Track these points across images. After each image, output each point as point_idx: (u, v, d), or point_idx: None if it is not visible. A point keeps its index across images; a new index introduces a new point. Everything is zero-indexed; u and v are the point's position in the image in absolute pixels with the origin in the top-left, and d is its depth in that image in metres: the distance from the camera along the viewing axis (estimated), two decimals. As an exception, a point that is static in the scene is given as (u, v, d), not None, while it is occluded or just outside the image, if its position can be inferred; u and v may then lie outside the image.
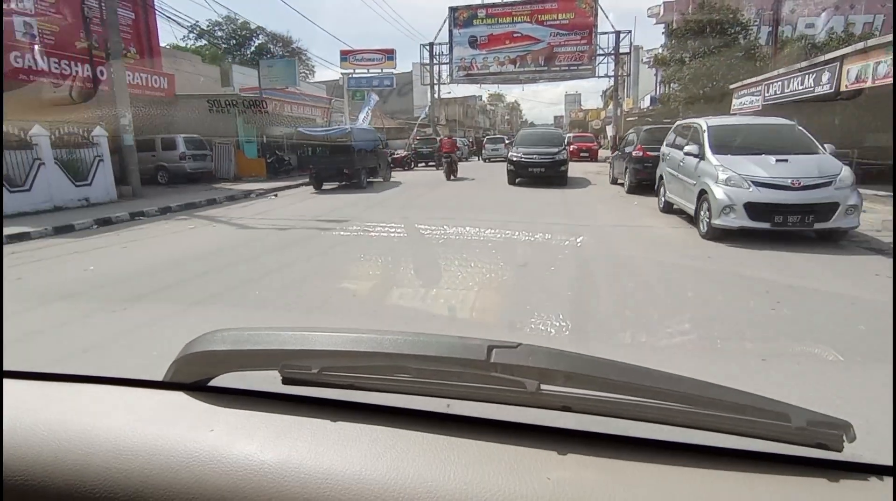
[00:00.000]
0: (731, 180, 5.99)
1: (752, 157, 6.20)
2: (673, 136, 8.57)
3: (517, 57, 32.80)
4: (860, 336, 3.28)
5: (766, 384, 2.40)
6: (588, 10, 31.61)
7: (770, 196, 5.75)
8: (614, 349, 3.20)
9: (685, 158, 7.17)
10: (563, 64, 32.27)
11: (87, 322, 3.87)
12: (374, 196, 12.64)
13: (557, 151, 13.97)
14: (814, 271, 4.99)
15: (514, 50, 32.61)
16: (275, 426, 0.73)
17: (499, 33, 32.95)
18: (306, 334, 0.80)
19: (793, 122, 7.28)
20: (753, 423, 0.65)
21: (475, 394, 0.72)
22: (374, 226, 8.11)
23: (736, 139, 6.72)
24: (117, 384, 0.88)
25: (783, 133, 6.82)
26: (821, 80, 10.86)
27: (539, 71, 32.93)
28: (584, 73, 32.82)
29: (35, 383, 0.89)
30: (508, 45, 32.76)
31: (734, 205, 5.85)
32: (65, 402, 0.82)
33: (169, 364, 0.84)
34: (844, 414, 0.64)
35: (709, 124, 7.13)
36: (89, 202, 11.17)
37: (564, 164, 13.89)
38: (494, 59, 33.31)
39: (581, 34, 31.78)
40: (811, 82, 11.28)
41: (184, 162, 16.33)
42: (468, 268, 5.24)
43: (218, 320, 3.77)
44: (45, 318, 4.02)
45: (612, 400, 0.67)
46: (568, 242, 6.42)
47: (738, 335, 3.38)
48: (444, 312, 3.95)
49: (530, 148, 14.14)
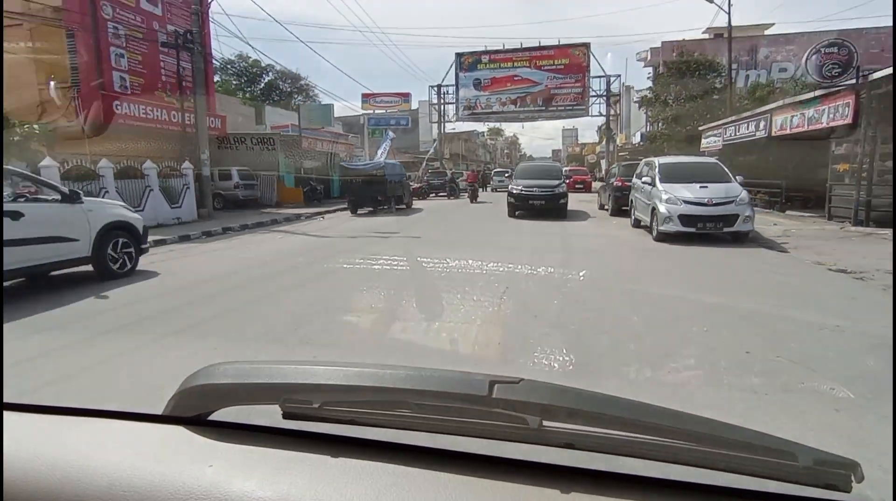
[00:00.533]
0: (671, 200, 8.84)
1: (685, 184, 9.08)
2: (639, 170, 11.48)
3: (517, 98, 36.32)
4: (757, 279, 6.05)
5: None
6: (581, 56, 35.22)
7: (694, 210, 8.60)
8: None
9: (644, 186, 10.05)
10: (559, 104, 35.73)
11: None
12: (405, 218, 15.51)
13: (557, 184, 14.23)
14: (722, 253, 7.78)
15: (514, 92, 36.13)
16: (275, 462, 0.73)
17: (501, 76, 36.51)
18: (308, 367, 0.80)
19: (715, 160, 10.24)
20: (760, 462, 0.63)
21: (477, 430, 0.71)
22: (420, 236, 10.94)
23: (676, 172, 9.62)
24: (117, 418, 0.88)
25: (707, 168, 9.75)
26: (759, 127, 13.88)
27: (538, 111, 36.38)
28: (579, 112, 36.28)
29: (34, 416, 0.89)
30: (509, 87, 36.31)
31: (671, 216, 8.70)
32: (63, 436, 0.82)
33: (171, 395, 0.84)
34: (850, 453, 0.64)
35: (659, 162, 10.05)
36: (180, 221, 14.02)
37: (564, 197, 14.10)
38: (497, 100, 36.81)
39: (575, 77, 35.32)
40: (753, 128, 14.30)
41: (237, 190, 19.28)
42: (496, 250, 8.02)
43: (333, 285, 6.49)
44: (258, 279, 6.78)
45: (615, 438, 0.66)
46: (561, 245, 9.24)
47: (663, 284, 6.14)
48: (485, 281, 6.68)
49: (530, 181, 14.44)
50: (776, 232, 9.78)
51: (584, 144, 72.32)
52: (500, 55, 36.54)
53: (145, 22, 17.39)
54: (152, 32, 17.42)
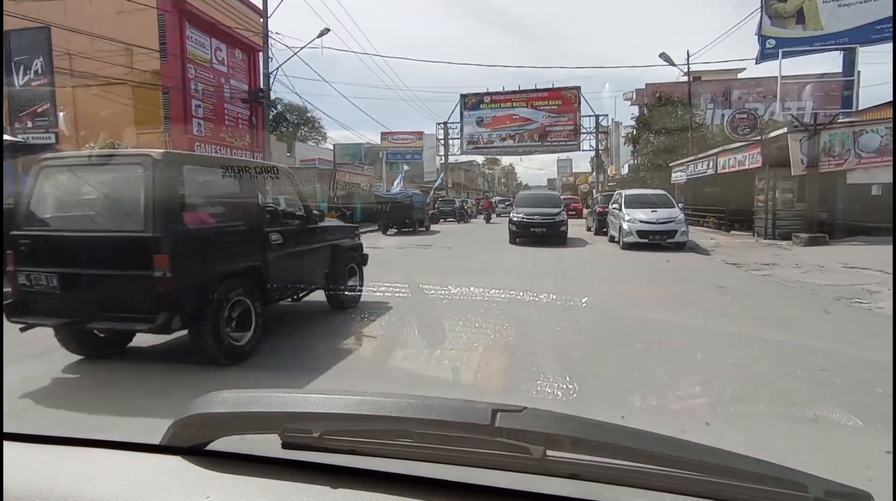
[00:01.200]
0: (631, 220, 12.58)
1: (641, 209, 12.83)
2: (613, 199, 15.27)
3: (515, 134, 40.50)
4: (680, 269, 9.75)
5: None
6: (573, 97, 39.56)
7: (647, 227, 12.32)
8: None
9: (614, 211, 13.82)
10: (553, 140, 39.96)
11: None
12: (432, 237, 19.22)
13: (557, 212, 14.70)
14: (664, 255, 11.46)
15: (513, 128, 40.33)
16: (274, 493, 0.71)
17: (500, 115, 40.74)
18: (307, 396, 0.80)
19: (664, 191, 14.07)
20: (769, 493, 0.62)
21: (479, 460, 0.70)
22: (452, 247, 14.65)
23: (636, 201, 13.39)
24: (113, 448, 0.87)
25: (658, 197, 13.54)
26: (709, 165, 17.76)
27: (534, 145, 40.60)
28: (571, 147, 40.58)
29: (28, 445, 0.89)
30: (508, 124, 40.51)
31: (631, 232, 12.41)
32: (58, 465, 0.81)
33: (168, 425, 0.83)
34: (861, 483, 0.63)
35: (625, 194, 13.85)
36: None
37: (564, 225, 14.46)
38: (497, 136, 40.97)
39: (567, 116, 39.61)
40: (705, 166, 18.19)
41: (283, 215, 23.01)
42: (508, 254, 11.68)
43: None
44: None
45: (621, 468, 0.65)
46: (555, 250, 12.96)
47: (632, 276, 9.83)
48: (497, 278, 10.31)
49: (531, 209, 14.92)
50: (710, 244, 13.52)
51: (578, 173, 76.68)
52: (500, 96, 40.84)
53: (215, 78, 21.35)
54: (220, 88, 21.39)
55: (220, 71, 21.69)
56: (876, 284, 7.29)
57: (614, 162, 50.47)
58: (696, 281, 8.33)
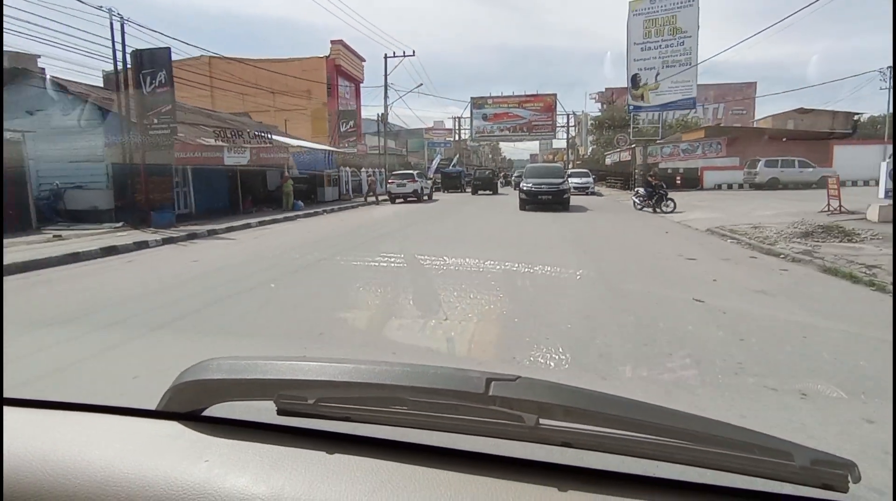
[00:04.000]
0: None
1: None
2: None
3: (510, 127, 56.75)
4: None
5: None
6: (551, 101, 55.87)
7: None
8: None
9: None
10: (537, 132, 56.44)
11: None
12: (471, 195, 35.75)
13: (561, 181, 17.66)
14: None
15: (508, 123, 56.55)
16: (269, 458, 0.72)
17: (499, 113, 56.87)
18: (302, 363, 0.80)
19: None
20: (756, 461, 0.64)
21: (473, 428, 0.72)
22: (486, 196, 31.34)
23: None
24: (110, 413, 0.88)
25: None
26: (617, 156, 34.51)
27: (523, 135, 57.06)
28: (549, 137, 57.27)
29: (26, 410, 0.89)
30: (505, 120, 56.66)
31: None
32: (56, 430, 0.82)
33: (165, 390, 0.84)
34: (846, 453, 0.65)
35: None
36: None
37: (567, 192, 17.23)
38: (497, 128, 57.14)
39: (547, 114, 55.97)
40: (615, 156, 34.95)
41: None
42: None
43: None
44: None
45: (612, 436, 0.67)
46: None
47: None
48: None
49: (539, 180, 17.81)
50: (605, 191, 30.25)
51: (557, 149, 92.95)
52: (500, 99, 56.92)
53: (348, 104, 37.13)
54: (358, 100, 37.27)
55: (347, 99, 37.48)
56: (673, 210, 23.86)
57: (583, 144, 67.33)
58: (599, 208, 24.86)
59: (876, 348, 3.78)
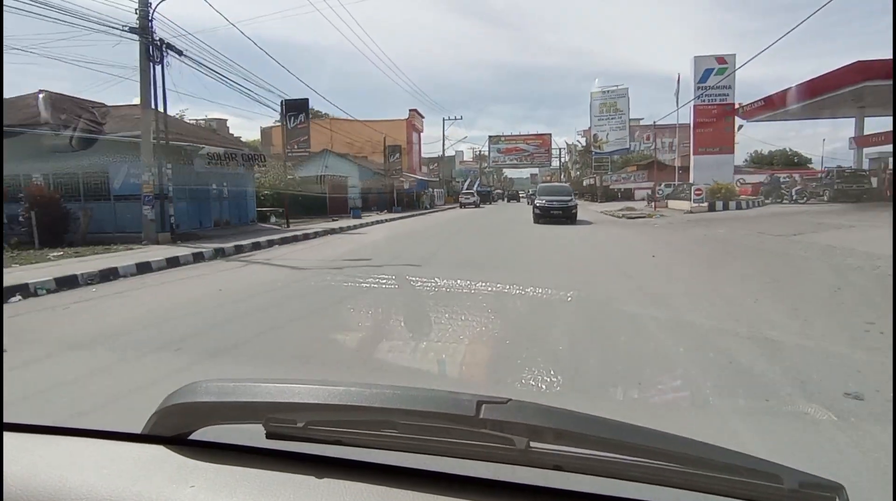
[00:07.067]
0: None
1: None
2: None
3: (517, 158, 77.00)
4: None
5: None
6: (547, 138, 76.22)
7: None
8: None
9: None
10: (536, 161, 76.77)
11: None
12: (494, 206, 55.59)
13: (569, 198, 21.32)
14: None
15: (516, 155, 76.74)
16: (257, 483, 0.71)
17: (510, 147, 76.98)
18: (292, 386, 0.79)
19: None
20: (745, 484, 0.64)
21: (464, 451, 0.71)
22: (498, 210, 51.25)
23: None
24: (94, 437, 0.87)
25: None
26: (593, 180, 54.51)
27: (526, 164, 77.38)
28: (546, 165, 77.65)
29: (9, 434, 0.87)
30: (514, 152, 76.90)
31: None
32: (36, 453, 0.81)
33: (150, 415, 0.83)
34: (834, 476, 0.66)
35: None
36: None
37: (575, 208, 20.56)
38: (507, 159, 77.31)
39: (545, 148, 76.34)
40: (590, 181, 54.99)
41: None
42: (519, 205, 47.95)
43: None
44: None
45: (603, 459, 0.66)
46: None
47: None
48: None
49: (550, 197, 21.54)
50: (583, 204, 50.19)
51: (553, 171, 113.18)
52: (510, 137, 77.28)
53: (413, 151, 57.03)
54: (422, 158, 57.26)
55: (413, 143, 57.40)
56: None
57: (572, 168, 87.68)
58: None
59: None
